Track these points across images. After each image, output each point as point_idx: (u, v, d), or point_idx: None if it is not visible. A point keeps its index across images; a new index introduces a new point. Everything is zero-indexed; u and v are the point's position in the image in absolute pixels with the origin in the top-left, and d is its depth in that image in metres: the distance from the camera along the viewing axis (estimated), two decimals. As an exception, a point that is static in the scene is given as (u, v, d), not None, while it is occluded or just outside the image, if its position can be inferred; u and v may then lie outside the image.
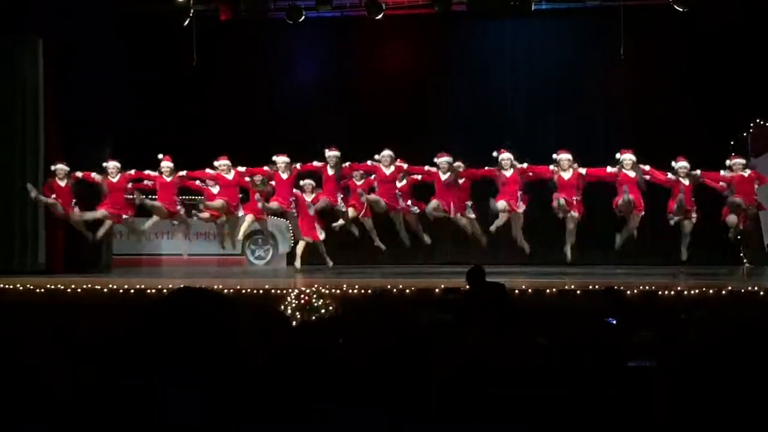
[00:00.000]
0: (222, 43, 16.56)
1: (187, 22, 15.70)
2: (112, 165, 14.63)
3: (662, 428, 3.40)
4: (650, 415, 3.62)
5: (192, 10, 15.72)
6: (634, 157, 13.53)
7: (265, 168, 14.41)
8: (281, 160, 14.34)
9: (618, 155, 13.64)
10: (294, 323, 9.78)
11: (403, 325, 5.07)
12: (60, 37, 15.14)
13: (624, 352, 5.35)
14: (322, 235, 14.81)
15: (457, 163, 14.20)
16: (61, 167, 14.58)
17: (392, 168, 14.29)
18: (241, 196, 14.76)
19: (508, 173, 13.84)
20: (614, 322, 7.17)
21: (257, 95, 17.29)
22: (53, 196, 14.36)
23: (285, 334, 4.92)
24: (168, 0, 15.54)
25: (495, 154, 13.92)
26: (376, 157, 14.20)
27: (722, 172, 13.73)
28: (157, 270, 15.45)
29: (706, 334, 3.52)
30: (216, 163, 14.41)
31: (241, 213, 14.50)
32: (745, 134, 15.67)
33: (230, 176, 14.31)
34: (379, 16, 15.52)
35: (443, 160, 14.06)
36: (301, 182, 14.76)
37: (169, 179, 14.44)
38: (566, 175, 13.70)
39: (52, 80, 15.21)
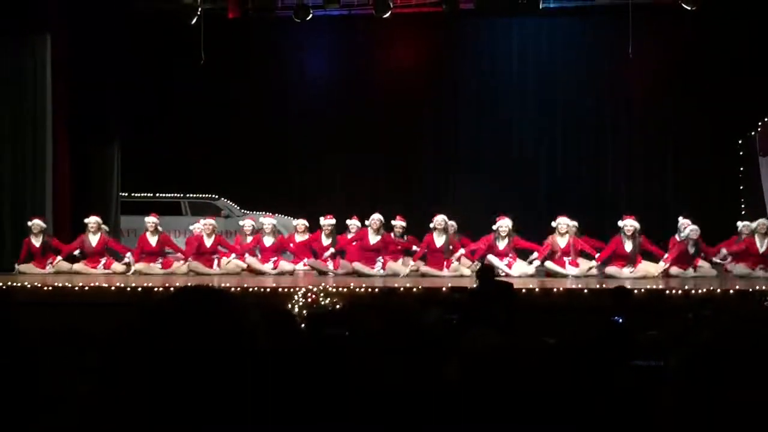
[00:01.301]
0: (230, 41, 16.56)
1: (194, 21, 15.70)
2: (93, 220, 14.24)
3: (669, 427, 3.39)
4: (657, 415, 3.61)
5: (200, 9, 15.71)
6: (636, 224, 12.93)
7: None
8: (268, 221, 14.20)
9: (620, 222, 13.05)
10: (301, 321, 9.80)
11: (410, 324, 5.08)
12: (67, 36, 15.16)
13: (631, 350, 5.34)
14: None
15: (450, 222, 13.63)
16: (37, 222, 14.15)
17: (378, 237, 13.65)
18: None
19: (502, 245, 13.24)
20: (621, 320, 7.17)
21: (265, 93, 17.30)
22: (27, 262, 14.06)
23: (292, 332, 4.92)
24: (175, -2, 15.55)
25: (494, 226, 13.33)
26: (366, 222, 13.65)
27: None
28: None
29: (714, 334, 3.52)
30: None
31: None
32: (753, 133, 15.64)
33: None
34: (387, 15, 15.51)
35: (440, 218, 13.43)
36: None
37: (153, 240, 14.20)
38: (562, 242, 13.17)
39: (60, 79, 15.22)
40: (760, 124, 15.60)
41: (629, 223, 12.91)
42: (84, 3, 14.98)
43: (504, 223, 13.23)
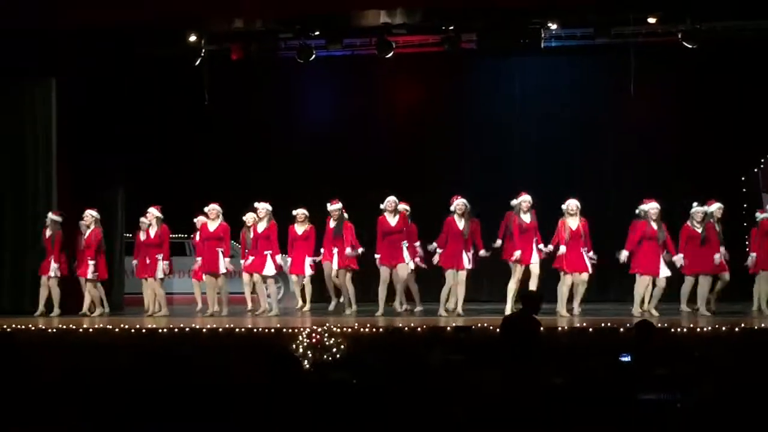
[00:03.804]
0: (233, 82, 16.64)
1: (198, 62, 15.79)
2: (88, 214, 14.66)
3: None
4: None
5: (203, 50, 15.81)
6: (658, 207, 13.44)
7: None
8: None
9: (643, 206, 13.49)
10: (306, 363, 9.77)
11: (415, 365, 5.06)
12: (72, 78, 15.26)
13: (639, 388, 5.31)
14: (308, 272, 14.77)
15: (402, 206, 14.13)
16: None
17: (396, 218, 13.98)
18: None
19: (527, 218, 13.61)
20: (628, 359, 7.14)
21: (268, 134, 17.37)
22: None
23: (296, 375, 4.90)
24: (179, 40, 15.63)
25: (514, 201, 13.69)
26: (381, 206, 13.97)
27: None
28: (168, 308, 15.40)
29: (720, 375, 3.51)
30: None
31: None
32: (756, 170, 15.65)
33: None
34: (389, 55, 15.59)
35: (460, 202, 13.74)
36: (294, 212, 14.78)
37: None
38: (573, 224, 13.47)
39: (65, 121, 15.31)
40: (762, 160, 15.63)
41: (653, 206, 13.35)
42: (89, 47, 15.08)
43: (526, 198, 13.56)
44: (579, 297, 13.50)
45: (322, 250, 14.65)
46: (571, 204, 13.49)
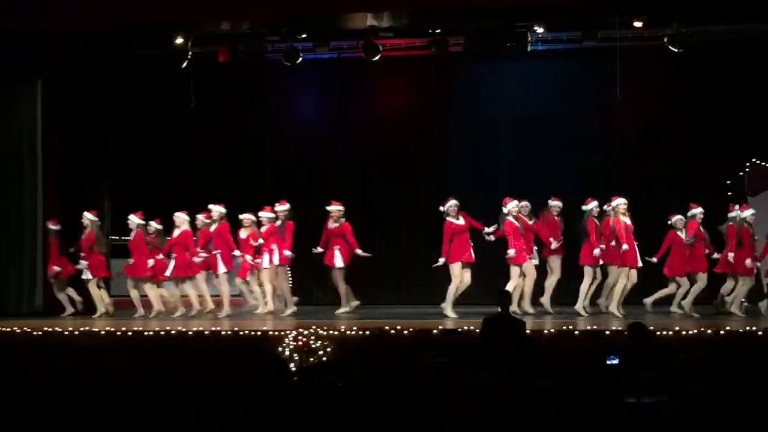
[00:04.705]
0: (220, 84, 16.62)
1: (185, 64, 15.77)
2: (84, 216, 14.91)
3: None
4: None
5: (190, 52, 15.78)
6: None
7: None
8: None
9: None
10: (292, 365, 9.75)
11: (402, 368, 5.06)
12: (58, 79, 15.23)
13: (626, 390, 5.33)
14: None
15: (334, 207, 14.62)
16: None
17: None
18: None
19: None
20: (616, 361, 7.15)
21: (255, 136, 17.33)
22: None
23: (283, 377, 4.90)
24: (166, 42, 15.61)
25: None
26: (441, 208, 14.19)
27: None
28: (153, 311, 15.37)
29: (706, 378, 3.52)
30: None
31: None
32: (742, 173, 15.70)
33: None
34: (377, 58, 15.59)
35: (515, 204, 14.18)
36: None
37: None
38: (627, 221, 13.92)
39: (51, 122, 15.28)
40: (748, 164, 15.67)
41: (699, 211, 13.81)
42: (75, 48, 15.05)
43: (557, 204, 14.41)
44: (624, 295, 13.89)
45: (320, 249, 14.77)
46: (622, 203, 13.83)
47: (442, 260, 14.02)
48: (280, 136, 17.46)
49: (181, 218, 14.85)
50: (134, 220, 14.88)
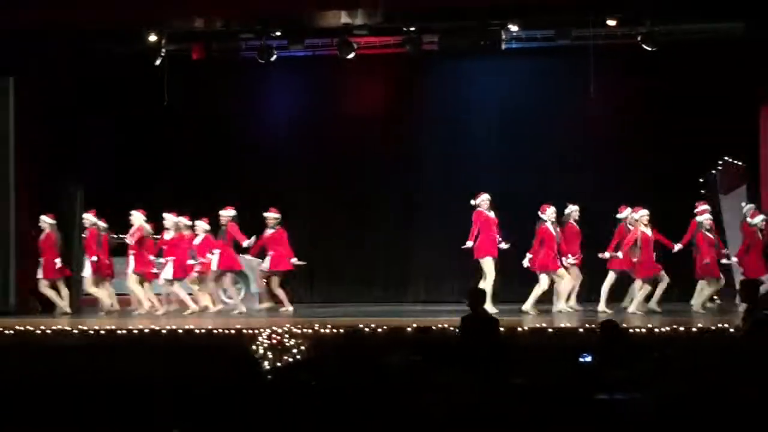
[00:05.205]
0: (193, 82, 16.53)
1: (158, 62, 15.69)
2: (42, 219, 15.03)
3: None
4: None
5: (163, 50, 15.71)
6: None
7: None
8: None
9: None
10: (266, 363, 9.73)
11: (376, 366, 5.06)
12: (31, 77, 15.12)
13: (599, 388, 5.34)
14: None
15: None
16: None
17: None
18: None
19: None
20: (589, 359, 7.18)
21: (229, 134, 17.27)
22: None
23: (254, 376, 4.89)
24: (140, 40, 15.53)
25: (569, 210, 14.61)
26: (473, 201, 14.34)
27: None
28: (126, 310, 15.33)
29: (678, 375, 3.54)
30: None
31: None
32: (714, 171, 15.79)
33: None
34: (351, 56, 15.57)
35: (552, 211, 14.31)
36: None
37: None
38: (649, 232, 14.03)
39: (22, 120, 15.17)
40: (720, 162, 15.76)
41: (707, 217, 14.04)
42: (48, 45, 14.94)
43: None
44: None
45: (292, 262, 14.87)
46: (645, 214, 14.06)
47: (470, 243, 14.17)
48: (253, 133, 17.41)
49: (170, 220, 15.05)
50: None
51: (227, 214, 14.96)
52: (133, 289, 15.15)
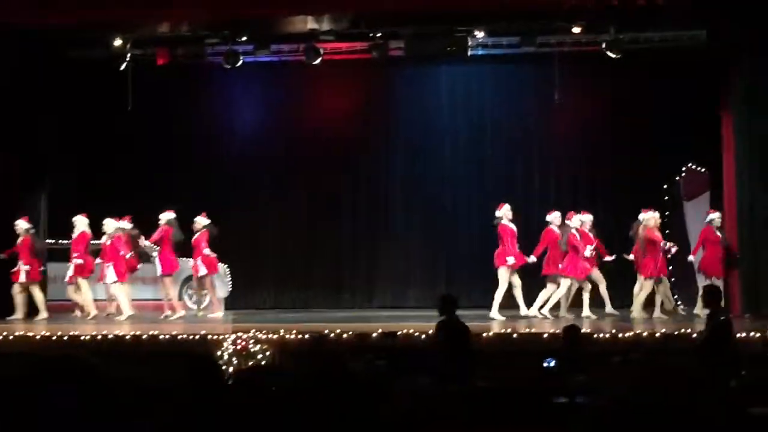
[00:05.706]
0: (158, 87, 16.44)
1: (123, 66, 15.61)
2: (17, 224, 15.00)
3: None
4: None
5: (129, 55, 15.63)
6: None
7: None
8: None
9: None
10: (230, 369, 9.71)
11: (340, 373, 5.05)
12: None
13: (558, 391, 5.38)
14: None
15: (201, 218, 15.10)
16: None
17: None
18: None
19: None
20: (552, 364, 7.23)
21: (194, 140, 17.18)
22: None
23: (218, 382, 4.87)
24: (104, 44, 15.44)
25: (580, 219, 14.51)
26: (498, 213, 14.39)
27: None
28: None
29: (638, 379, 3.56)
30: None
31: None
32: (678, 178, 15.92)
33: None
34: (317, 62, 15.57)
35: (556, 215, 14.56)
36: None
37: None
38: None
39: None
40: (683, 169, 15.90)
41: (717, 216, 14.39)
42: (12, 49, 14.82)
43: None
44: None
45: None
46: (656, 216, 14.32)
47: (533, 258, 14.42)
48: (219, 138, 17.35)
49: (111, 225, 15.04)
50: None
51: (164, 216, 14.98)
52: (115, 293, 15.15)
